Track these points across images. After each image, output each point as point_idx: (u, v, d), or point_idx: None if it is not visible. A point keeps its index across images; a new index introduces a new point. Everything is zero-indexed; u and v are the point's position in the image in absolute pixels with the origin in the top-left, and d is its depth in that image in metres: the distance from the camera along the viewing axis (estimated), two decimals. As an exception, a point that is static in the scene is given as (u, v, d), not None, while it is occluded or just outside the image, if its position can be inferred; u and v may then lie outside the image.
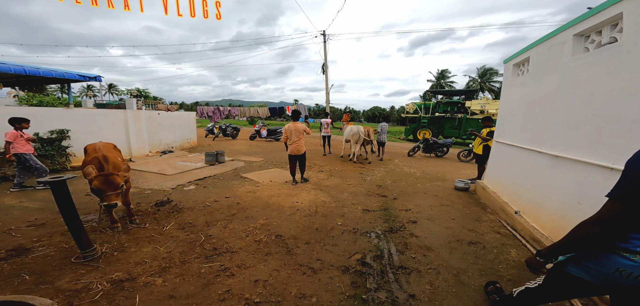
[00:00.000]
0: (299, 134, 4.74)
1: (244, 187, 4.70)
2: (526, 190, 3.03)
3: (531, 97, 3.16)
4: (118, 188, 2.57)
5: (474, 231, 3.10)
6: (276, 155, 8.62)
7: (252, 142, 12.65)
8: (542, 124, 2.89)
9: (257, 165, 6.85)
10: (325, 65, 12.02)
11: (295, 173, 5.01)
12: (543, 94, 2.88)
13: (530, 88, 3.22)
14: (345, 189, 4.82)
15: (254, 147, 10.48)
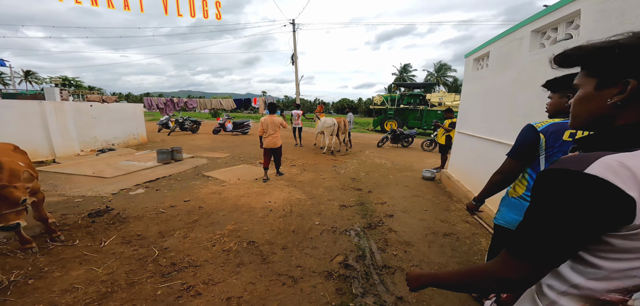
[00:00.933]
0: (276, 127, 4.59)
1: (208, 188, 4.18)
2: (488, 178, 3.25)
3: (491, 90, 3.36)
4: (18, 205, 1.94)
5: (446, 221, 3.23)
6: (244, 149, 8.00)
7: (216, 136, 11.61)
8: (501, 116, 3.09)
9: (222, 161, 6.23)
10: (295, 56, 11.53)
11: (268, 168, 4.81)
12: (502, 87, 3.07)
13: (490, 81, 3.42)
14: (320, 184, 4.65)
15: (218, 142, 9.60)
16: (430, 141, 9.59)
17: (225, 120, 12.49)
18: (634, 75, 0.46)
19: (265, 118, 4.60)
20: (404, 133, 10.19)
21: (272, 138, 4.57)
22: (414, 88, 17.22)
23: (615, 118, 0.51)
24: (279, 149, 4.77)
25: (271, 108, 4.89)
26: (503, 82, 3.07)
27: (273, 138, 4.58)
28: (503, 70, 3.10)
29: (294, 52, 11.52)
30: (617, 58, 0.48)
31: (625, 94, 0.48)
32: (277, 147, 4.67)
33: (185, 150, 7.35)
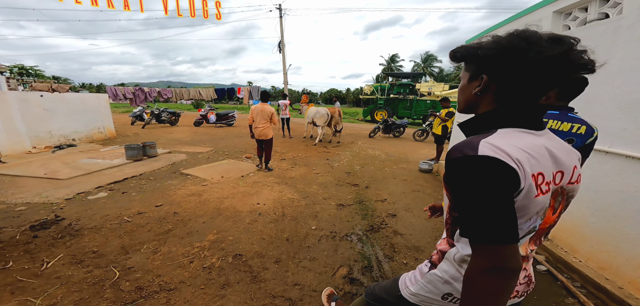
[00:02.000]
0: (265, 118, 4.25)
1: (185, 188, 3.66)
2: None
3: None
4: None
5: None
6: (229, 142, 7.40)
7: (198, 128, 10.80)
8: None
9: (204, 156, 5.64)
10: (282, 43, 10.82)
11: (262, 156, 4.64)
12: None
13: None
14: (312, 180, 4.27)
15: (199, 135, 8.87)
16: (421, 131, 9.54)
17: (207, 112, 11.66)
18: (488, 72, 0.59)
19: (255, 107, 4.31)
20: (396, 123, 10.06)
21: (261, 129, 4.30)
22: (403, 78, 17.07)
23: (479, 107, 0.63)
24: (269, 141, 4.44)
25: (263, 96, 4.45)
26: None
27: (262, 130, 4.30)
28: None
29: (281, 39, 10.79)
30: (478, 58, 0.60)
31: (481, 87, 0.60)
32: (267, 138, 4.36)
33: (162, 145, 6.65)
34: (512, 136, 0.55)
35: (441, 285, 0.71)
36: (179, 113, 11.75)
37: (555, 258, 2.07)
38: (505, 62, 0.55)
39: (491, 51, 0.57)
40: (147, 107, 11.21)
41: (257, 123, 4.30)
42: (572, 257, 2.01)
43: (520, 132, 0.56)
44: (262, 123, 4.26)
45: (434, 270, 0.73)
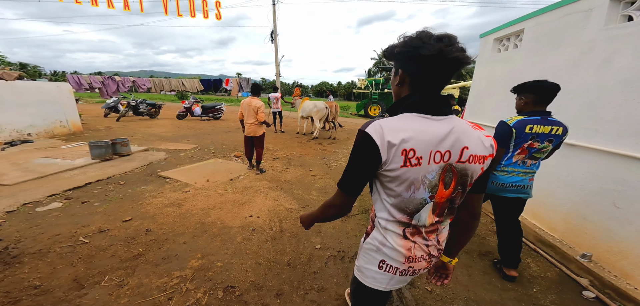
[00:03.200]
0: (252, 114, 3.82)
1: (162, 196, 3.13)
2: None
3: (526, 74, 2.78)
4: None
5: (476, 234, 2.69)
6: (215, 138, 6.79)
7: (181, 122, 10.00)
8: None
9: (187, 155, 5.06)
10: (275, 33, 10.12)
11: (251, 157, 4.22)
12: (548, 71, 2.50)
13: (522, 63, 2.84)
14: (310, 184, 3.86)
15: (183, 130, 8.15)
16: None
17: (192, 104, 10.83)
18: (401, 67, 0.72)
19: (244, 100, 3.89)
20: (392, 119, 9.82)
21: (250, 126, 3.88)
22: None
23: (400, 96, 0.75)
24: (260, 139, 3.99)
25: (254, 89, 3.96)
26: (549, 65, 2.49)
27: (252, 126, 3.87)
28: (551, 51, 2.50)
29: (274, 28, 10.08)
30: (395, 55, 0.73)
31: (398, 79, 0.74)
32: (257, 135, 3.93)
33: (138, 141, 5.95)
34: (404, 119, 0.69)
35: (374, 254, 0.82)
36: (160, 105, 10.85)
37: (603, 283, 1.82)
38: (408, 57, 0.69)
39: (400, 49, 0.69)
40: (123, 98, 10.23)
41: (246, 118, 3.90)
42: (624, 283, 1.75)
43: (415, 116, 0.69)
44: (250, 119, 3.85)
45: (368, 239, 0.85)
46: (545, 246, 2.31)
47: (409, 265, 0.79)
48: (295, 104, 8.19)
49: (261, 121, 3.79)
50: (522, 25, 2.87)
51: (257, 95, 3.91)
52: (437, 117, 0.69)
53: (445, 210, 0.77)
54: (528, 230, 2.50)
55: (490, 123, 3.27)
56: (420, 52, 0.64)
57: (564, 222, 2.26)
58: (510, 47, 3.16)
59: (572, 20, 2.27)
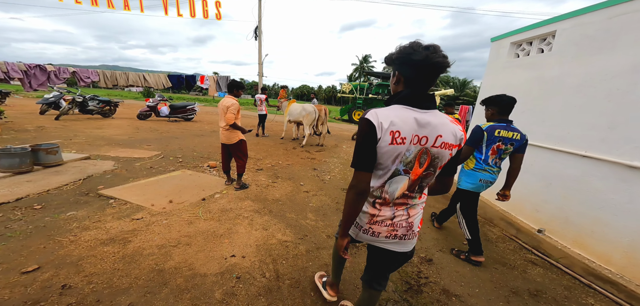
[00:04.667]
0: (222, 116, 3.18)
1: (98, 228, 2.26)
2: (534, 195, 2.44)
3: (560, 81, 2.47)
4: None
5: (512, 267, 2.28)
6: (185, 143, 5.79)
7: (142, 123, 8.66)
8: (587, 118, 2.23)
9: (144, 165, 4.08)
10: (259, 29, 9.30)
11: (228, 170, 3.50)
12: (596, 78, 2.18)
13: (557, 69, 2.52)
14: (304, 203, 3.22)
15: (143, 132, 6.94)
16: None
17: (157, 102, 9.47)
18: (397, 69, 0.95)
19: (221, 101, 3.23)
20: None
21: (222, 130, 3.23)
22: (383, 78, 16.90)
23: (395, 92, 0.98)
24: (235, 147, 3.28)
25: (230, 87, 3.25)
26: (596, 71, 2.18)
27: (223, 131, 3.22)
28: (597, 55, 2.19)
29: (258, 24, 9.26)
30: (393, 61, 0.94)
31: (395, 79, 0.97)
32: (230, 142, 3.23)
33: (79, 146, 4.78)
34: (393, 109, 0.91)
35: None
36: (117, 103, 9.36)
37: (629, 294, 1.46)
38: (403, 62, 0.90)
39: (397, 55, 0.92)
40: (67, 92, 8.59)
41: (219, 121, 3.26)
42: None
43: (402, 108, 0.90)
44: (221, 122, 3.21)
45: None
46: (602, 281, 1.95)
47: (370, 226, 1.04)
48: (281, 107, 7.48)
49: (229, 123, 3.06)
50: (553, 28, 2.57)
51: (233, 94, 3.20)
52: (422, 110, 0.90)
53: (416, 187, 0.99)
54: (574, 260, 2.14)
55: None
56: (411, 58, 0.87)
57: (624, 255, 1.91)
58: (533, 52, 2.86)
59: (625, 21, 1.96)
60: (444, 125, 0.90)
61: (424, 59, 0.84)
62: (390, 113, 0.88)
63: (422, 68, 0.86)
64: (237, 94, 3.21)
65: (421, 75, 0.88)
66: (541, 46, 2.76)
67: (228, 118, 3.02)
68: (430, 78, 0.88)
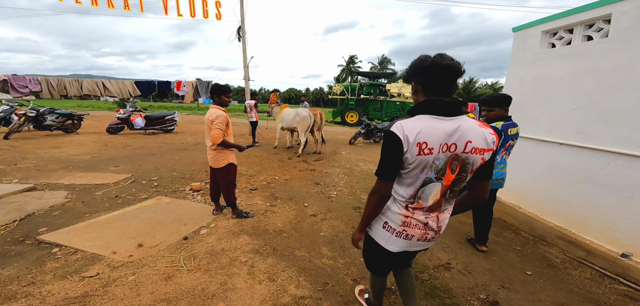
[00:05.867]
0: (207, 132, 2.54)
1: (31, 295, 1.59)
2: (636, 219, 2.05)
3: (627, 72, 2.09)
4: None
5: (596, 301, 1.84)
6: (162, 160, 5.02)
7: (112, 138, 7.71)
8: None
9: (108, 194, 3.34)
10: (242, 29, 8.64)
11: (217, 198, 2.84)
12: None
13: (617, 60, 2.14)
14: (314, 232, 2.66)
15: (112, 149, 6.07)
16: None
17: (130, 113, 8.51)
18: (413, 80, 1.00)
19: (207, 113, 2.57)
20: (378, 127, 9.20)
21: (209, 150, 2.59)
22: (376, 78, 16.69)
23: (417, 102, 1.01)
24: (221, 173, 2.61)
25: (212, 92, 2.58)
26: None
27: (209, 151, 2.59)
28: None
29: (241, 23, 8.61)
30: (409, 73, 1.00)
31: (413, 90, 1.03)
32: (217, 166, 2.58)
33: (24, 172, 3.93)
34: (418, 119, 0.94)
35: (381, 217, 1.11)
36: (81, 116, 8.31)
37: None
38: (415, 72, 0.97)
39: (410, 68, 1.00)
40: (21, 105, 7.48)
41: (206, 140, 2.60)
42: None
43: (427, 117, 0.93)
44: (207, 139, 2.56)
45: None
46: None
47: (404, 228, 1.06)
48: (273, 113, 6.89)
49: (215, 143, 2.39)
50: (605, 11, 2.21)
51: (217, 102, 2.55)
52: (447, 117, 0.92)
53: (448, 192, 1.02)
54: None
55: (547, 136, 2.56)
56: (421, 66, 0.95)
57: None
58: (576, 40, 2.49)
59: None
60: (472, 130, 0.93)
61: (431, 64, 0.91)
62: (417, 125, 0.92)
63: (432, 74, 0.92)
64: (223, 102, 2.56)
65: (434, 79, 0.93)
66: (587, 33, 2.41)
67: (214, 136, 2.37)
68: (445, 83, 0.92)
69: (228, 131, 2.51)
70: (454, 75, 0.91)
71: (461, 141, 0.91)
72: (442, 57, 0.91)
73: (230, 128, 2.56)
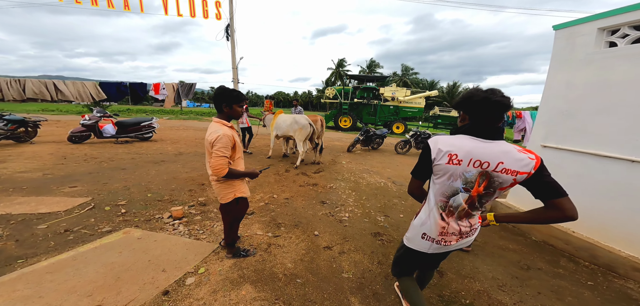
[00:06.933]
0: (210, 156, 1.82)
1: None
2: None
3: None
4: None
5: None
6: (134, 176, 4.25)
7: (76, 148, 6.73)
8: None
9: (55, 227, 2.59)
10: (231, 28, 7.98)
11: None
12: None
13: None
14: (334, 274, 2.14)
15: (72, 163, 5.18)
16: (404, 143, 8.73)
17: (97, 119, 7.50)
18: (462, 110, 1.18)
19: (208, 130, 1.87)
20: (376, 133, 8.89)
21: (211, 178, 1.93)
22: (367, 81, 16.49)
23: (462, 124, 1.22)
24: (225, 209, 2.02)
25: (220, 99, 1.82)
26: None
27: (212, 180, 1.94)
28: None
29: (230, 21, 7.96)
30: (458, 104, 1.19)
31: (460, 117, 1.23)
32: (223, 201, 1.96)
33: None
34: (458, 137, 1.12)
35: (419, 227, 1.28)
36: (37, 122, 7.23)
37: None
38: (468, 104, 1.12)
39: (464, 99, 1.14)
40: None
41: (207, 167, 1.91)
42: None
43: (465, 137, 1.11)
44: (208, 167, 1.86)
45: (416, 218, 1.32)
46: None
47: (442, 237, 1.23)
48: (266, 120, 6.30)
49: (219, 174, 1.73)
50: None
51: (225, 114, 1.85)
52: (485, 140, 1.07)
53: (476, 203, 1.15)
54: None
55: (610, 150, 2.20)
56: (473, 99, 1.08)
57: None
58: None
59: None
60: (507, 154, 1.04)
61: (483, 99, 1.05)
62: (455, 141, 1.11)
63: (483, 107, 1.05)
64: (234, 113, 1.86)
65: (482, 112, 1.06)
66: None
67: (215, 167, 1.70)
68: (492, 115, 1.05)
69: (235, 155, 1.87)
70: (503, 110, 1.03)
71: (494, 160, 1.05)
72: (494, 93, 1.04)
73: (238, 150, 1.89)
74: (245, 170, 1.92)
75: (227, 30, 8.02)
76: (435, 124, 16.81)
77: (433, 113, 17.32)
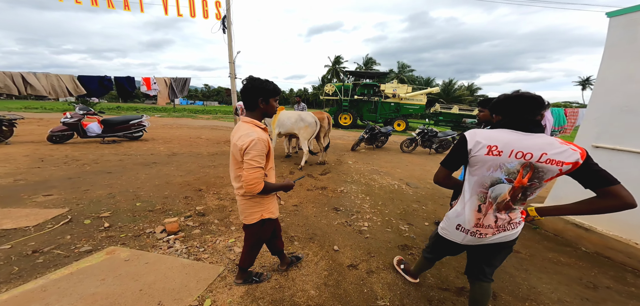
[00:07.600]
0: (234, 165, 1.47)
1: None
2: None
3: None
4: None
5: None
6: (121, 182, 3.80)
7: (56, 149, 6.19)
8: None
9: (21, 248, 2.16)
10: (228, 20, 7.52)
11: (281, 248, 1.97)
12: None
13: None
14: (366, 302, 1.80)
15: (50, 166, 4.68)
16: (410, 140, 8.48)
17: (80, 117, 6.95)
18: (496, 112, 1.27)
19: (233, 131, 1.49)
20: (381, 131, 8.60)
21: (236, 191, 1.55)
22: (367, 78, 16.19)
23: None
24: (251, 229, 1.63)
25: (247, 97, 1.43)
26: None
27: (238, 195, 1.56)
28: None
29: (227, 13, 7.49)
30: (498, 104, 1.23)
31: (494, 120, 1.28)
32: (248, 222, 1.59)
33: None
34: (496, 130, 1.16)
35: (454, 219, 1.34)
36: (13, 120, 6.64)
37: None
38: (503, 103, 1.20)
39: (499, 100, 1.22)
40: None
41: (232, 179, 1.55)
42: None
43: (504, 130, 1.15)
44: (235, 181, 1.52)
45: (451, 210, 1.38)
46: None
47: (477, 229, 1.26)
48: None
49: (253, 190, 1.36)
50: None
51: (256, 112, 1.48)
52: (525, 132, 1.10)
53: (519, 195, 1.15)
54: None
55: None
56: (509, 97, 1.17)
57: None
58: None
59: None
60: (550, 145, 1.06)
61: (517, 96, 1.15)
62: (493, 134, 1.14)
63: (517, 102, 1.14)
64: (269, 109, 1.49)
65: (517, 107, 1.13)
66: None
67: (249, 181, 1.33)
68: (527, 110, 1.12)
69: (268, 165, 1.48)
70: (538, 106, 1.11)
71: (537, 152, 1.07)
72: (527, 92, 1.15)
73: (271, 158, 1.52)
74: (279, 183, 1.53)
75: (223, 22, 7.55)
76: (436, 121, 16.66)
77: (434, 110, 17.15)
